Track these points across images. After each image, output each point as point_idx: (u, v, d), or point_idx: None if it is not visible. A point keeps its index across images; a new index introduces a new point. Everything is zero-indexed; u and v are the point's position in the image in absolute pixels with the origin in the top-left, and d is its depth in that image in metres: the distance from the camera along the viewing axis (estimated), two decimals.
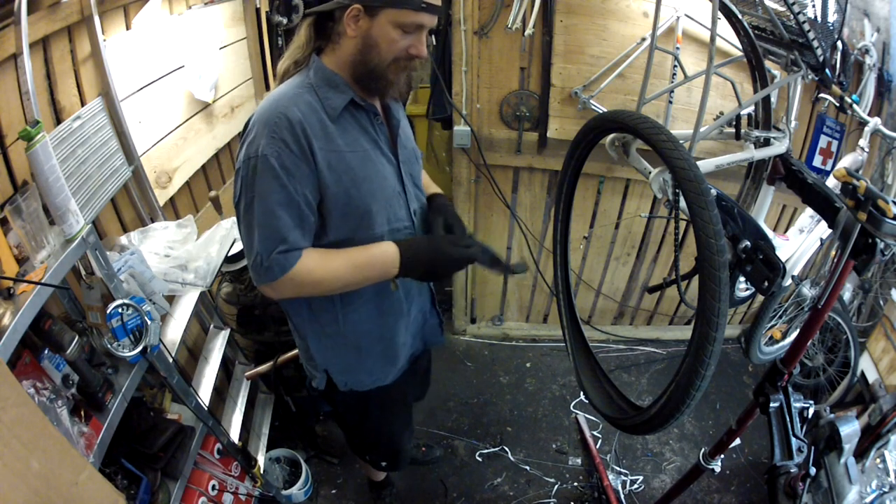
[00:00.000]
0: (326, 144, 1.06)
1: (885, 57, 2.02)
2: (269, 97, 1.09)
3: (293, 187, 1.03)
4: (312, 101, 1.07)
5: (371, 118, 1.15)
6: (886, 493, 1.66)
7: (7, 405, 0.80)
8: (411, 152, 1.27)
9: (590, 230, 2.59)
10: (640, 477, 2.24)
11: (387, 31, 1.02)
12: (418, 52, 1.07)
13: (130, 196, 1.60)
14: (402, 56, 1.06)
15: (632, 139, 1.50)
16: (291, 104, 1.04)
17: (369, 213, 1.14)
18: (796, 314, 2.23)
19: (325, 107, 1.07)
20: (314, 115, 1.06)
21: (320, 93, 1.08)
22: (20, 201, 1.04)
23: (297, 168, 1.03)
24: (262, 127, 1.03)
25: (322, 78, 1.09)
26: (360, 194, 1.11)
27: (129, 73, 1.55)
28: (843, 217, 1.13)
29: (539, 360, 2.80)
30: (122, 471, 1.31)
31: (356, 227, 1.14)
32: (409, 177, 1.24)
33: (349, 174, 1.10)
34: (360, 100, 1.11)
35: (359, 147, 1.12)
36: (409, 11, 1.00)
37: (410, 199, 1.24)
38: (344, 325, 1.26)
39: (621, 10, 2.07)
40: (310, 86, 1.08)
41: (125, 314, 1.20)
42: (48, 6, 1.29)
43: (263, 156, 1.01)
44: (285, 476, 2.12)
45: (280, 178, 1.02)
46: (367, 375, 1.37)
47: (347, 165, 1.09)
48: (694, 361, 1.03)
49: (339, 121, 1.09)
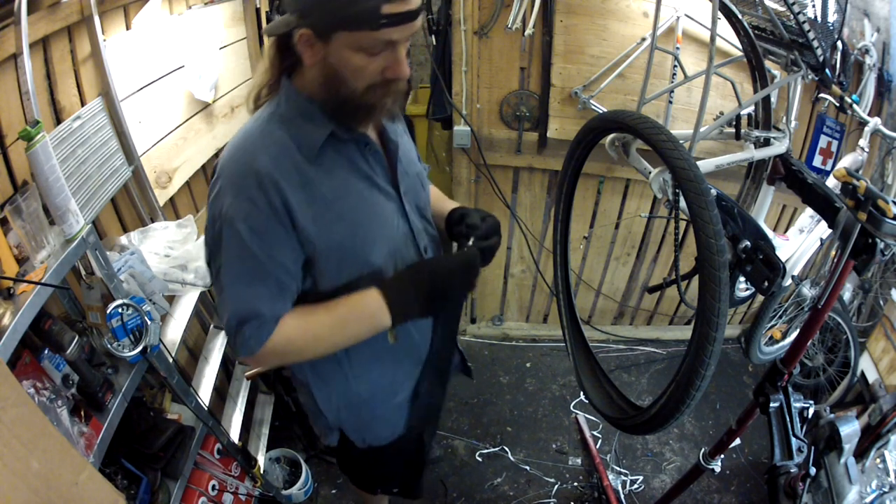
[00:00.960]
0: (307, 195, 0.89)
1: (885, 57, 2.02)
2: (235, 139, 0.92)
3: (266, 254, 0.87)
4: (285, 141, 0.89)
5: (361, 149, 0.96)
6: (886, 493, 1.66)
7: (7, 405, 0.80)
8: (415, 178, 1.08)
9: (590, 230, 2.59)
10: (640, 477, 2.24)
11: (346, 57, 0.82)
12: (396, 74, 0.86)
13: (130, 196, 1.60)
14: (376, 82, 0.86)
15: (632, 139, 1.50)
16: (259, 150, 0.87)
17: (370, 263, 0.97)
18: (796, 314, 2.23)
19: (301, 146, 0.89)
20: (288, 159, 0.88)
21: (293, 128, 0.89)
22: (20, 201, 1.04)
23: (270, 230, 0.87)
24: (227, 182, 0.87)
25: (294, 107, 0.90)
26: (356, 245, 0.95)
27: (129, 73, 1.55)
28: (843, 217, 1.13)
29: (539, 360, 2.80)
30: (122, 471, 1.31)
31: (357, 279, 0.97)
32: (415, 209, 1.06)
33: (340, 224, 0.92)
34: (344, 131, 0.92)
35: (349, 189, 0.94)
36: (365, 33, 0.80)
37: (419, 235, 1.06)
38: (355, 382, 1.11)
39: (621, 10, 2.07)
40: (281, 119, 0.90)
41: (125, 314, 1.20)
42: (48, 6, 1.29)
43: (229, 218, 0.86)
44: (285, 476, 2.12)
45: (249, 247, 0.86)
46: (385, 428, 1.22)
47: (337, 214, 0.92)
48: (694, 361, 1.03)
49: (320, 160, 0.90)
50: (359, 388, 1.12)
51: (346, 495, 2.15)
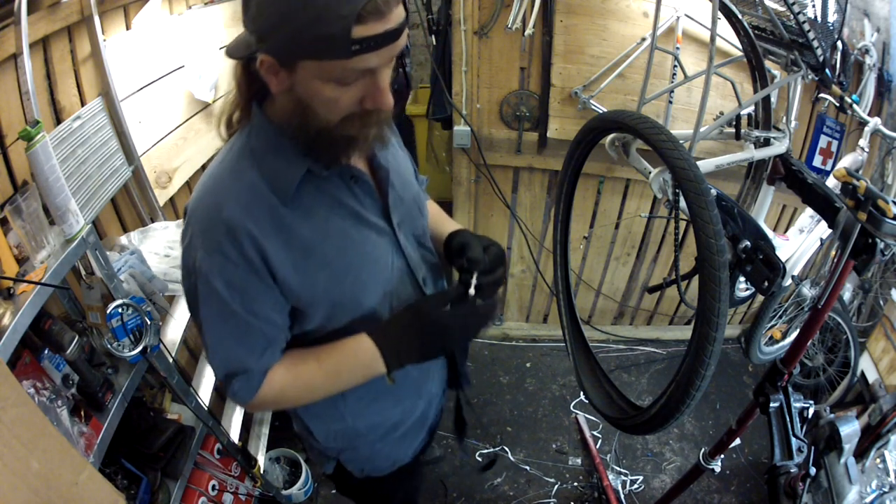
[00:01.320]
0: (286, 243, 0.80)
1: (885, 57, 2.02)
2: (205, 180, 0.83)
3: (247, 309, 0.80)
4: (257, 183, 0.78)
5: (346, 182, 0.85)
6: (886, 493, 1.66)
7: (7, 405, 0.80)
8: (412, 204, 0.97)
9: (590, 230, 2.59)
10: (640, 477, 2.24)
11: (315, 87, 0.70)
12: (376, 104, 0.74)
13: (130, 196, 1.60)
14: (354, 112, 0.74)
15: (632, 139, 1.50)
16: (229, 197, 0.78)
17: (362, 308, 0.89)
18: (796, 314, 2.23)
19: (275, 188, 0.78)
20: (261, 205, 0.78)
21: (266, 166, 0.79)
22: (20, 201, 1.04)
23: (249, 285, 0.79)
24: (197, 233, 0.79)
25: (265, 142, 0.80)
26: (344, 293, 0.86)
27: (129, 73, 1.55)
28: (843, 217, 1.13)
29: (539, 360, 2.80)
30: (122, 471, 1.31)
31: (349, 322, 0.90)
32: (412, 239, 0.97)
33: (325, 271, 0.83)
34: (321, 168, 0.81)
35: (333, 231, 0.84)
36: (334, 62, 0.67)
37: (417, 268, 0.97)
38: (353, 420, 1.05)
39: (621, 10, 2.07)
40: (252, 155, 0.80)
41: (125, 314, 1.20)
42: (48, 6, 1.29)
43: (203, 274, 0.78)
44: (285, 476, 2.12)
45: (228, 304, 0.79)
46: (385, 460, 1.16)
47: (321, 260, 0.83)
48: (694, 361, 1.03)
49: (298, 202, 0.80)
50: (356, 424, 1.05)
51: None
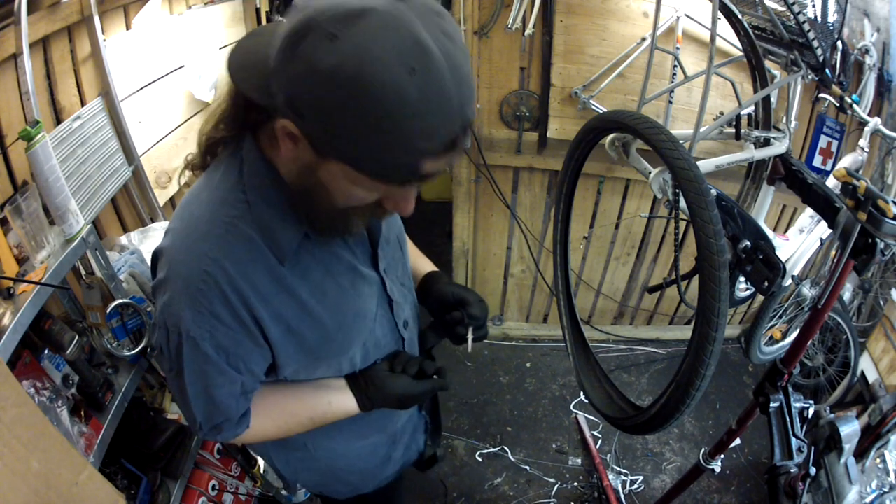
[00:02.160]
0: (282, 303, 0.74)
1: (885, 57, 2.02)
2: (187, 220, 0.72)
3: (234, 367, 0.75)
4: (254, 239, 0.70)
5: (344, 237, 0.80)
6: (886, 493, 1.66)
7: (7, 405, 0.80)
8: (396, 244, 0.93)
9: (590, 230, 2.59)
10: (640, 477, 2.24)
11: (340, 183, 0.64)
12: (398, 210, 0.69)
13: (130, 196, 1.60)
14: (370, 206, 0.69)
15: (632, 139, 1.51)
16: (220, 253, 0.68)
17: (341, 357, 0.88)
18: (796, 314, 2.23)
19: (272, 246, 0.71)
20: (259, 263, 0.71)
21: (262, 219, 0.70)
22: (20, 201, 1.04)
23: (239, 345, 0.74)
24: (183, 290, 0.69)
25: (258, 188, 0.70)
26: (331, 349, 0.84)
27: (129, 73, 1.55)
28: (843, 217, 1.13)
29: (539, 360, 2.80)
30: (122, 471, 1.31)
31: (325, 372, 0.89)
32: (396, 280, 0.93)
33: (317, 331, 0.79)
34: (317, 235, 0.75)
35: (329, 290, 0.78)
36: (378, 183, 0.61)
37: (399, 312, 0.94)
38: (315, 450, 1.02)
39: (621, 10, 2.07)
40: (245, 203, 0.70)
41: (125, 314, 1.20)
42: (48, 6, 1.29)
43: (191, 338, 0.70)
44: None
45: (217, 364, 0.74)
46: (344, 486, 1.13)
47: (315, 321, 0.78)
48: (694, 361, 1.03)
49: (296, 260, 0.74)
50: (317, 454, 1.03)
51: None
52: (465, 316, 0.95)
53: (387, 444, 1.10)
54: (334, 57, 0.51)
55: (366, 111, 0.52)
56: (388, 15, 0.51)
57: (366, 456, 1.08)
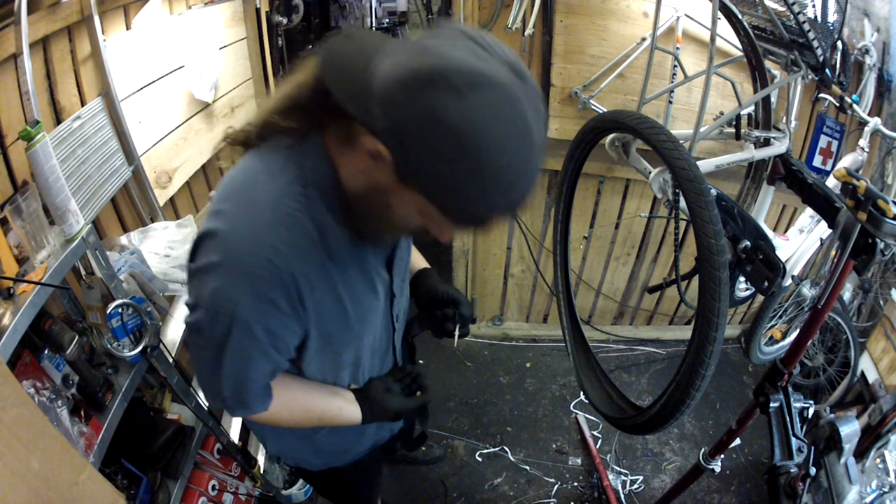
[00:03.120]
0: (325, 294, 0.80)
1: (885, 57, 2.02)
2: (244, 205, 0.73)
3: (276, 348, 0.80)
4: (310, 232, 0.74)
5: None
6: (886, 493, 1.66)
7: (7, 405, 0.80)
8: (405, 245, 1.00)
9: (590, 230, 2.59)
10: (640, 477, 2.24)
11: (408, 209, 0.69)
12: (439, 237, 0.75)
13: (130, 196, 1.60)
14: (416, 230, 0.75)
15: (632, 139, 1.51)
16: (284, 242, 0.71)
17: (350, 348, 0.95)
18: (796, 314, 2.23)
19: (324, 241, 0.76)
20: (312, 257, 0.75)
21: (316, 215, 0.74)
22: (20, 201, 1.04)
23: (286, 329, 0.79)
24: (244, 276, 0.71)
25: (318, 185, 0.74)
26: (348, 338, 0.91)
27: (129, 73, 1.55)
28: (843, 217, 1.13)
29: (539, 360, 2.80)
30: (122, 471, 1.31)
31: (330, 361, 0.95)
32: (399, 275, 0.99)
33: (341, 319, 0.85)
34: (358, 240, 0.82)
35: (357, 286, 0.85)
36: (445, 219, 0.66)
37: (396, 305, 1.01)
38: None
39: (621, 10, 2.08)
40: (304, 197, 0.73)
41: (125, 314, 1.20)
42: (48, 6, 1.29)
43: (244, 322, 0.73)
44: (285, 476, 2.12)
45: (262, 345, 0.77)
46: (317, 458, 1.19)
47: (343, 311, 0.84)
48: (694, 361, 1.03)
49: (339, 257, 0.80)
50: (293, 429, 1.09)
51: None
52: (456, 314, 1.06)
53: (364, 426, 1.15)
54: (457, 113, 0.57)
55: (469, 165, 0.59)
56: (510, 91, 0.59)
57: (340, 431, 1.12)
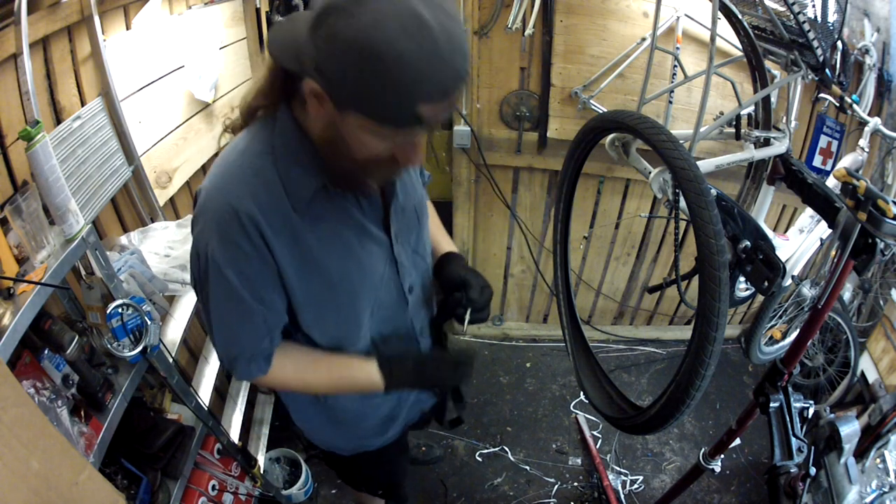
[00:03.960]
0: (292, 244, 0.84)
1: (885, 57, 2.02)
2: (221, 167, 0.85)
3: (254, 296, 0.85)
4: (274, 184, 0.82)
5: (356, 196, 0.90)
6: (886, 493, 1.66)
7: (7, 405, 0.80)
8: (412, 213, 1.01)
9: (590, 230, 2.59)
10: (640, 477, 2.24)
11: (359, 135, 0.74)
12: (408, 161, 0.79)
13: (130, 196, 1.59)
14: (384, 159, 0.78)
15: (632, 139, 1.51)
16: (245, 191, 0.80)
17: (347, 312, 0.96)
18: (796, 314, 2.23)
19: (290, 193, 0.82)
20: (275, 205, 0.82)
21: (284, 170, 0.82)
22: (20, 201, 1.04)
23: (259, 273, 0.84)
24: (212, 220, 0.82)
25: (286, 145, 0.82)
26: (336, 297, 0.92)
27: (129, 73, 1.55)
28: (843, 217, 1.13)
29: (539, 360, 2.80)
30: (122, 471, 1.31)
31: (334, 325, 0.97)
32: (407, 246, 1.01)
33: (323, 276, 0.89)
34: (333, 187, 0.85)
35: (337, 241, 0.88)
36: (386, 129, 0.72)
37: (405, 276, 1.02)
38: (325, 398, 1.11)
39: (621, 10, 2.07)
40: (272, 154, 0.82)
41: (125, 314, 1.20)
42: (48, 6, 1.29)
43: (215, 263, 0.82)
44: (285, 476, 2.12)
45: (237, 290, 0.84)
46: (348, 443, 1.23)
47: (321, 267, 0.88)
48: (694, 361, 1.03)
49: (309, 209, 0.84)
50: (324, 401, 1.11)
51: (345, 495, 2.15)
52: (464, 298, 1.03)
53: (392, 404, 1.17)
54: (351, 29, 0.64)
55: (374, 68, 0.65)
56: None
57: (371, 412, 1.16)
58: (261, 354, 0.92)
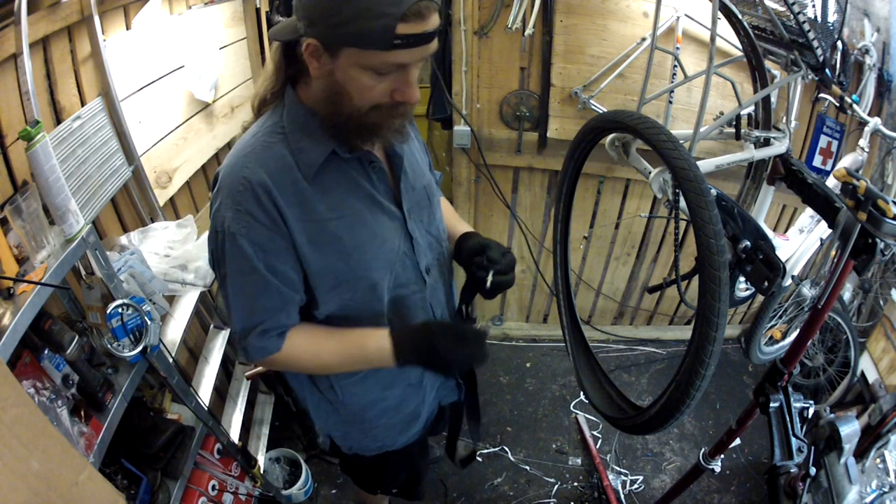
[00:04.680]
0: (303, 213, 0.87)
1: (885, 57, 2.02)
2: (236, 149, 0.90)
3: (269, 267, 0.88)
4: (285, 156, 0.87)
5: (365, 167, 0.93)
6: (886, 493, 1.66)
7: (7, 405, 0.80)
8: (422, 192, 1.04)
9: (590, 230, 2.59)
10: (640, 477, 2.24)
11: (354, 74, 0.79)
12: (405, 97, 0.83)
13: (130, 196, 1.60)
14: (384, 102, 0.83)
15: (632, 139, 1.50)
16: (256, 164, 0.85)
17: (363, 285, 0.96)
18: (796, 314, 2.23)
19: (300, 163, 0.87)
20: (286, 175, 0.86)
21: (294, 143, 0.87)
22: (20, 201, 1.04)
23: (272, 242, 0.87)
24: (227, 195, 0.86)
25: (295, 121, 0.88)
26: (350, 268, 0.93)
27: (129, 73, 1.55)
28: (843, 217, 1.13)
29: (539, 360, 2.80)
30: (122, 471, 1.31)
31: (350, 300, 0.97)
32: (421, 224, 1.03)
33: (335, 246, 0.91)
34: (345, 150, 0.89)
35: (347, 209, 0.91)
36: (375, 52, 0.76)
37: (421, 255, 1.03)
38: (342, 394, 1.11)
39: (621, 10, 2.07)
40: (283, 132, 0.88)
41: (125, 314, 1.20)
42: (48, 6, 1.29)
43: (231, 234, 0.85)
44: (285, 476, 2.12)
45: (251, 260, 0.87)
46: (372, 442, 1.22)
47: (333, 235, 0.90)
48: (694, 361, 1.03)
49: (319, 179, 0.88)
50: (345, 398, 1.12)
51: (346, 495, 2.15)
52: (484, 259, 1.02)
53: (414, 400, 1.18)
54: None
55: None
56: None
57: (392, 410, 1.16)
58: (275, 329, 0.93)
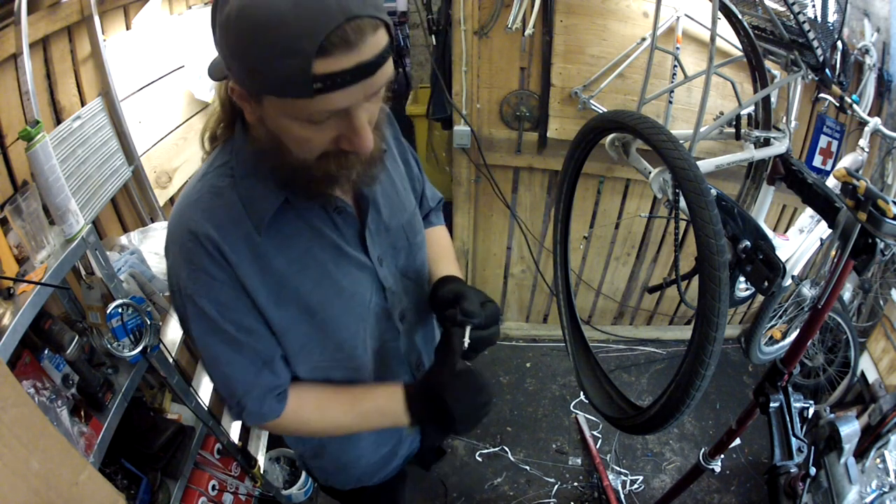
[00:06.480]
0: (260, 269, 0.77)
1: (885, 57, 2.02)
2: (182, 195, 0.80)
3: (238, 326, 0.78)
4: (234, 205, 0.75)
5: (328, 212, 0.81)
6: (886, 493, 1.66)
7: (7, 405, 0.80)
8: (399, 232, 0.92)
9: (590, 230, 2.59)
10: (640, 477, 2.24)
11: (284, 124, 0.66)
12: (352, 147, 0.68)
13: (130, 196, 1.60)
14: (330, 151, 0.69)
15: (632, 139, 1.50)
16: (202, 216, 0.74)
17: (331, 345, 0.87)
18: (796, 314, 2.23)
19: (251, 213, 0.75)
20: (237, 227, 0.75)
21: (243, 191, 0.75)
22: (20, 201, 1.04)
23: (236, 300, 0.77)
24: (178, 251, 0.76)
25: (244, 164, 0.76)
26: (316, 327, 0.84)
27: (129, 73, 1.55)
28: (843, 217, 1.13)
29: (539, 360, 2.80)
30: (122, 471, 1.31)
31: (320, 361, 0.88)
32: (395, 270, 0.92)
33: (298, 304, 0.81)
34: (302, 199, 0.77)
35: (310, 262, 0.80)
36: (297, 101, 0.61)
37: (395, 303, 0.93)
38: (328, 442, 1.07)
39: (621, 10, 2.07)
40: (231, 177, 0.76)
41: (125, 314, 1.20)
42: (48, 6, 1.29)
43: (189, 295, 0.76)
44: (285, 476, 2.12)
45: (217, 322, 0.77)
46: (347, 478, 1.16)
47: (294, 293, 0.80)
48: (694, 361, 1.03)
49: (275, 229, 0.77)
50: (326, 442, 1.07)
51: None
52: (458, 313, 0.86)
53: (393, 441, 1.12)
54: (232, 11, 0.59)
55: (257, 37, 0.58)
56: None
57: (371, 451, 1.10)
58: (268, 392, 0.84)
